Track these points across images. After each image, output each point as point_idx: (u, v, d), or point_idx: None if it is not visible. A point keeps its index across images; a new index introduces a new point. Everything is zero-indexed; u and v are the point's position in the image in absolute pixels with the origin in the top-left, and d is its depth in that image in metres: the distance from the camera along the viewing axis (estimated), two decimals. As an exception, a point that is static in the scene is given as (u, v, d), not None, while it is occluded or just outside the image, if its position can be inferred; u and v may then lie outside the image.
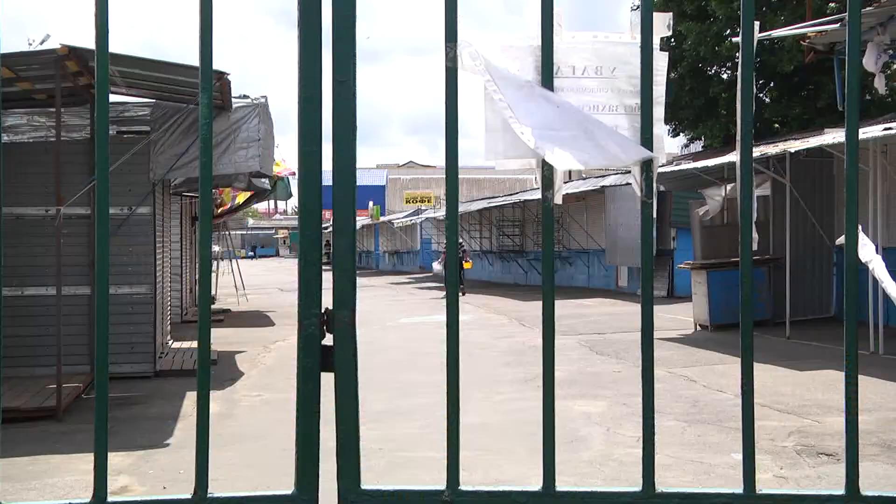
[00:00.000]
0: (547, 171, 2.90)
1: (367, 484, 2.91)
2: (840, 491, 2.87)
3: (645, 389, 2.91)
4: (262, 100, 12.33)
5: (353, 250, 2.88)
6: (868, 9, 11.64)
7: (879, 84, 12.60)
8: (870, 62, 11.92)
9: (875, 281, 12.35)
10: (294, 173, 18.70)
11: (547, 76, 2.89)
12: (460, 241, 27.28)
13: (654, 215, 2.93)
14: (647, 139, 2.89)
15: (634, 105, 2.93)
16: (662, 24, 2.92)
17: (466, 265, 29.41)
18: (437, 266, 35.62)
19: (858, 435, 2.87)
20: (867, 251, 4.27)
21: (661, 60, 2.92)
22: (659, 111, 2.92)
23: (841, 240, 3.11)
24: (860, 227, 2.99)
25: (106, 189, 2.82)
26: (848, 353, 2.86)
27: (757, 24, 2.92)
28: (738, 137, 2.90)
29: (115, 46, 2.97)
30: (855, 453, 2.85)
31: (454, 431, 2.90)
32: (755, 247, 2.96)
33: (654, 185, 2.90)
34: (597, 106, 2.94)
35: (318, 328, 2.86)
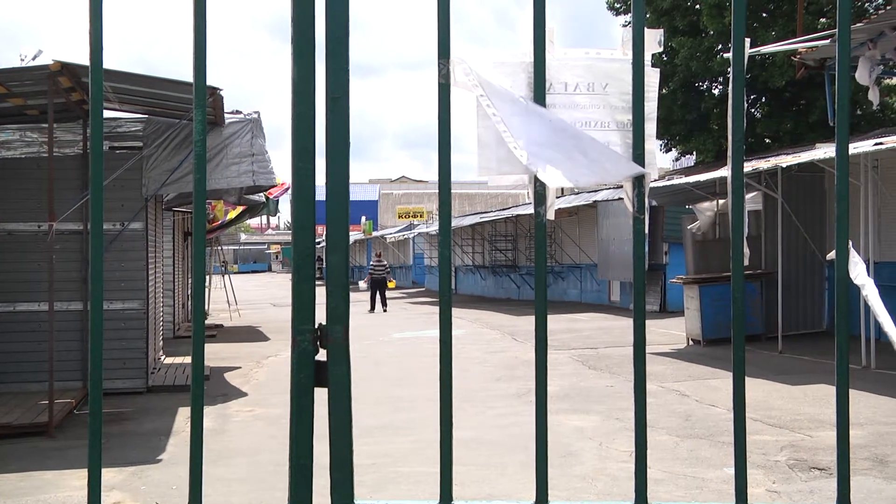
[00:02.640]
0: (539, 186, 2.91)
1: (360, 499, 2.91)
2: (832, 505, 2.88)
3: (637, 404, 2.92)
4: (255, 115, 12.34)
5: (346, 266, 2.89)
6: (858, 25, 11.72)
7: (874, 96, 12.66)
8: (863, 75, 11.98)
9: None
10: (286, 190, 18.79)
11: (539, 92, 2.90)
12: (384, 261, 28.11)
13: (646, 230, 2.94)
14: (639, 155, 2.90)
15: (626, 121, 2.95)
16: (654, 40, 2.93)
17: (390, 284, 29.96)
18: (362, 284, 36.28)
19: (850, 449, 2.88)
20: (859, 271, 4.26)
21: (652, 76, 2.93)
22: (651, 127, 2.93)
23: (832, 255, 3.11)
24: (850, 244, 3.00)
25: (100, 205, 2.82)
26: (839, 367, 2.87)
27: (748, 39, 2.94)
28: (730, 152, 2.91)
29: (107, 62, 2.98)
30: (847, 467, 2.86)
31: (447, 446, 2.90)
32: (747, 262, 2.97)
33: (646, 200, 2.91)
34: (589, 122, 2.95)
35: (311, 343, 2.86)
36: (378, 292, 30.30)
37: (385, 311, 29.58)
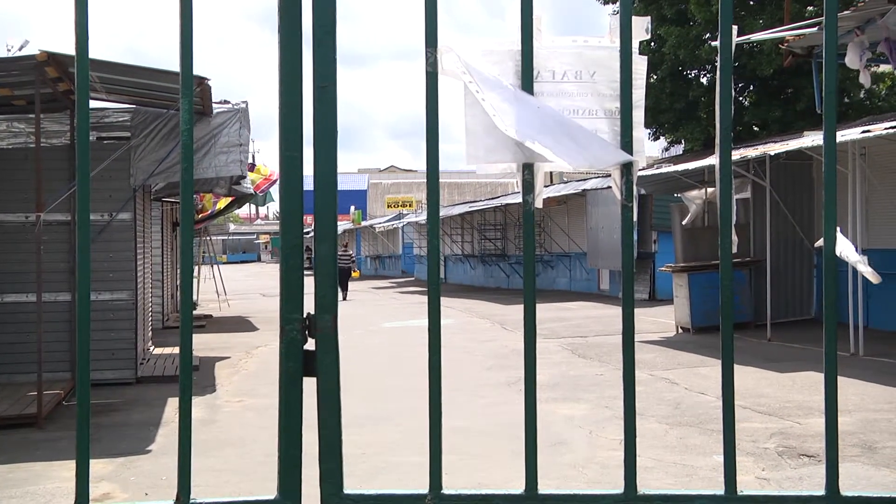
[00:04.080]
0: (528, 175, 2.91)
1: (349, 489, 2.91)
2: (821, 492, 2.89)
3: (627, 392, 2.92)
4: (243, 105, 12.30)
5: (334, 256, 2.89)
6: (845, 12, 11.73)
7: (865, 79, 12.70)
8: (854, 60, 11.99)
9: (854, 283, 12.48)
10: (274, 182, 18.81)
11: (527, 81, 2.90)
12: (349, 251, 28.37)
13: (635, 218, 2.95)
14: (627, 143, 2.90)
15: (614, 109, 2.94)
16: (641, 27, 2.93)
17: (355, 274, 30.18)
18: None
19: (838, 436, 2.89)
20: (842, 245, 4.29)
21: (640, 64, 2.93)
22: (639, 115, 2.93)
23: (820, 242, 3.12)
24: (839, 229, 3.01)
25: (87, 195, 2.80)
26: (828, 354, 2.87)
27: (735, 27, 2.94)
28: (718, 141, 2.92)
29: (95, 52, 2.96)
30: (835, 454, 2.87)
31: (437, 435, 2.91)
32: (735, 249, 2.97)
33: (635, 188, 2.92)
34: (577, 110, 2.95)
35: (300, 333, 2.86)
36: (341, 281, 30.78)
37: (344, 299, 30.07)
